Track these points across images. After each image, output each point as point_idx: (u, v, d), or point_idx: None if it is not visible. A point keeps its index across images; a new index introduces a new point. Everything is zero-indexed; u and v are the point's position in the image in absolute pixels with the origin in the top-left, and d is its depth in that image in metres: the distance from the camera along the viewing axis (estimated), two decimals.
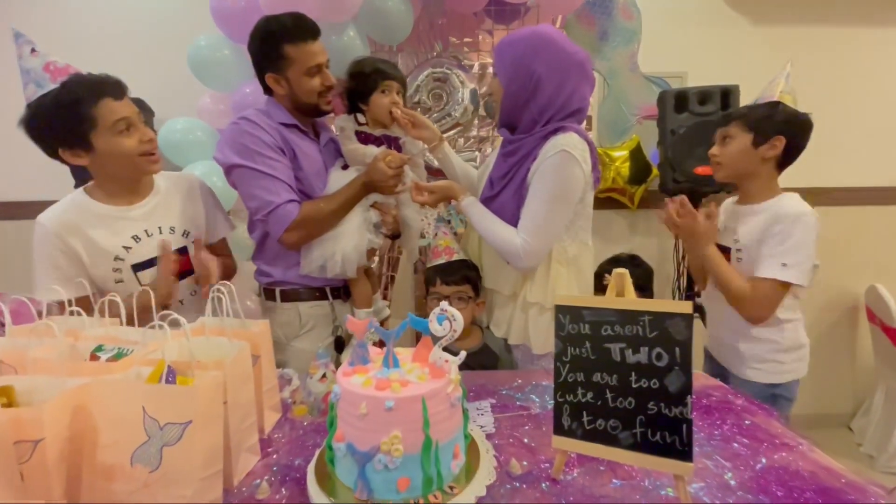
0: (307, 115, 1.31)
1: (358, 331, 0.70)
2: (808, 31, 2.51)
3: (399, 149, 1.35)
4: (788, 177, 1.33)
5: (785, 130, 1.20)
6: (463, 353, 0.68)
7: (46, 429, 0.58)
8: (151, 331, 0.86)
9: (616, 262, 1.47)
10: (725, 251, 1.28)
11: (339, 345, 1.36)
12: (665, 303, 0.69)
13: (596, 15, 2.17)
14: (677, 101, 2.03)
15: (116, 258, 1.12)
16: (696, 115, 2.00)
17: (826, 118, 2.53)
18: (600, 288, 1.37)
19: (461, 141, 2.30)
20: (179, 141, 1.98)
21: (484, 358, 1.21)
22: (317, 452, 0.74)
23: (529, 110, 1.15)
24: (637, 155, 2.28)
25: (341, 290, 1.36)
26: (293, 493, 0.71)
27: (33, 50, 1.05)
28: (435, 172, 2.23)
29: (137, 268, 1.14)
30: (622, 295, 0.73)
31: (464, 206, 1.22)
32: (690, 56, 2.46)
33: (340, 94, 1.35)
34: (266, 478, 0.74)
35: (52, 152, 1.08)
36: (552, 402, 0.96)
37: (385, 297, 2.14)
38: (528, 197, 1.15)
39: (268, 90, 1.29)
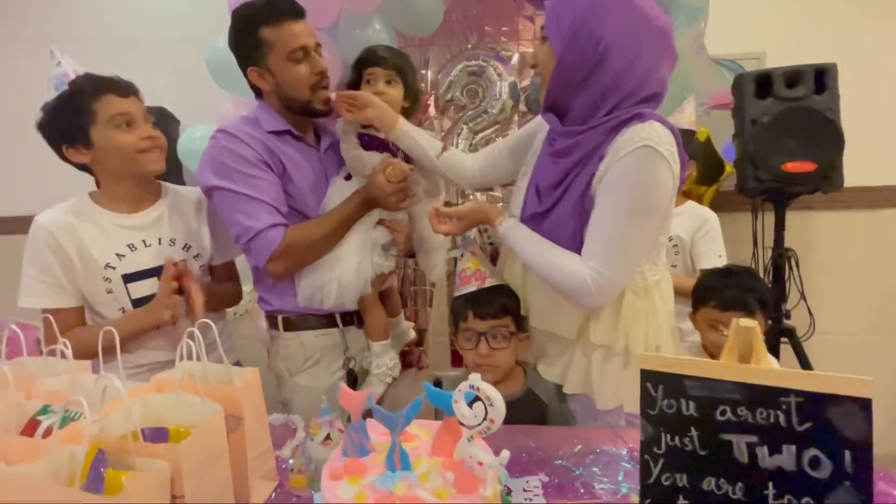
0: (302, 115, 1.14)
1: (353, 408, 0.49)
2: None
3: (407, 154, 1.14)
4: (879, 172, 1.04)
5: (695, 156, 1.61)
6: (506, 455, 0.46)
7: None
8: (117, 383, 0.70)
9: (729, 274, 1.17)
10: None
11: (352, 380, 1.17)
12: (827, 378, 0.44)
13: None
14: (759, 85, 1.71)
15: (107, 266, 1.04)
16: (784, 101, 1.67)
17: None
18: (695, 301, 1.16)
19: (499, 140, 2.08)
20: (199, 149, 1.84)
21: (528, 408, 0.96)
22: None
23: (589, 90, 0.86)
24: (707, 150, 1.96)
25: (354, 315, 1.17)
26: None
27: (59, 63, 1.05)
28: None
29: (129, 279, 1.06)
30: (748, 359, 0.48)
31: (503, 232, 0.94)
32: (768, 34, 2.11)
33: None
34: None
35: (59, 151, 1.05)
36: (628, 485, 0.72)
37: (411, 318, 1.95)
38: (597, 212, 0.87)
39: (258, 93, 1.14)
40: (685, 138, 1.21)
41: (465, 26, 2.05)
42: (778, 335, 1.74)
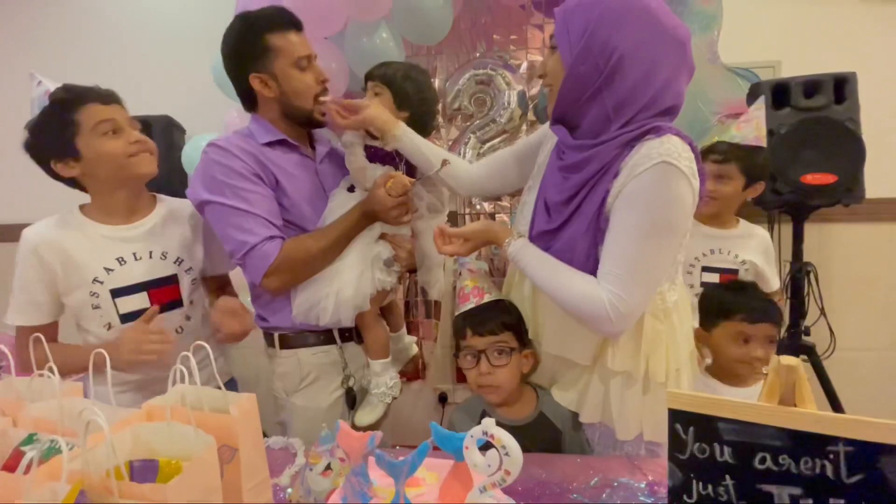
0: (300, 125, 1.12)
1: (353, 451, 0.45)
2: None
3: (411, 165, 1.11)
4: None
5: (766, 176, 1.51)
6: None
7: None
8: (111, 410, 0.67)
9: (736, 290, 1.14)
10: (731, 273, 1.41)
11: (351, 400, 1.13)
12: (880, 424, 0.39)
13: None
14: (776, 95, 1.66)
15: (95, 280, 1.02)
16: (802, 111, 1.63)
17: None
18: (711, 315, 1.11)
19: None
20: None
21: (541, 433, 0.91)
22: None
23: (601, 103, 0.81)
24: None
25: (353, 331, 1.14)
26: None
27: (40, 82, 1.03)
28: None
29: (117, 293, 1.04)
30: (791, 402, 0.43)
31: (512, 253, 0.89)
32: (784, 42, 2.07)
33: None
34: None
35: (47, 168, 1.03)
36: None
37: (413, 329, 1.90)
38: (613, 231, 0.81)
39: (250, 104, 1.14)
40: (755, 155, 1.37)
41: (473, 34, 2.03)
42: (797, 353, 1.68)
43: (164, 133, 1.98)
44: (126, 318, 1.04)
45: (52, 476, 0.51)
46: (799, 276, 1.73)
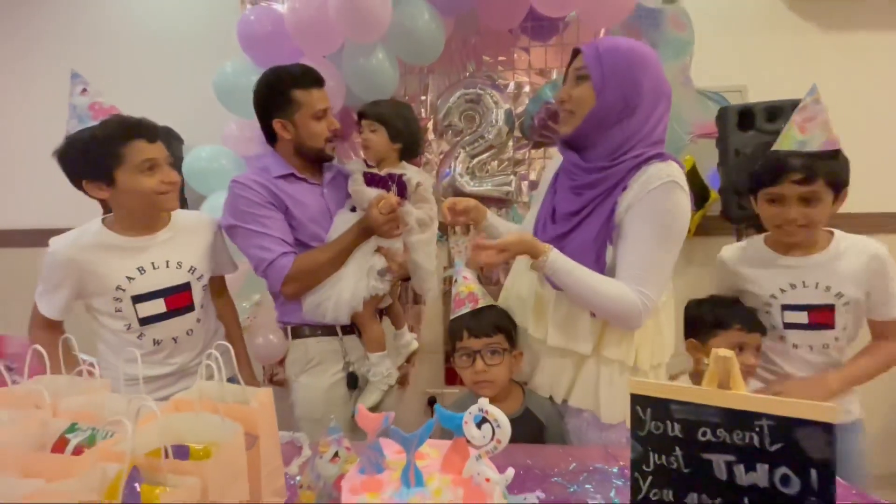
0: (311, 161, 1.33)
1: (370, 428, 0.53)
2: (884, 37, 2.23)
3: (403, 186, 1.29)
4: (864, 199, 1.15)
5: (848, 179, 1.17)
6: (511, 471, 0.51)
7: None
8: (138, 401, 0.74)
9: (727, 304, 1.21)
10: (824, 309, 1.14)
11: (353, 380, 1.32)
12: (794, 403, 0.50)
13: (643, 27, 1.99)
14: (741, 118, 1.81)
15: (118, 288, 1.12)
16: (765, 133, 1.77)
17: None
18: (706, 327, 1.17)
19: (495, 164, 2.16)
20: (204, 169, 1.92)
21: (526, 426, 1.01)
22: None
23: (615, 133, 0.96)
24: (693, 177, 2.05)
25: (354, 326, 1.32)
26: None
27: (84, 90, 1.13)
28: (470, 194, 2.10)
29: (137, 299, 1.14)
30: (727, 386, 0.54)
31: (552, 262, 0.95)
32: (750, 68, 2.23)
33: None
34: None
35: (76, 183, 1.11)
36: (618, 500, 0.77)
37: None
38: (632, 240, 0.94)
39: (271, 139, 1.33)
40: (835, 162, 1.12)
41: (463, 55, 2.14)
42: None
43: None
44: (144, 321, 1.15)
45: (102, 458, 0.58)
46: None
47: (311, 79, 1.27)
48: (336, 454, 0.80)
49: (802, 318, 1.14)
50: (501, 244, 0.97)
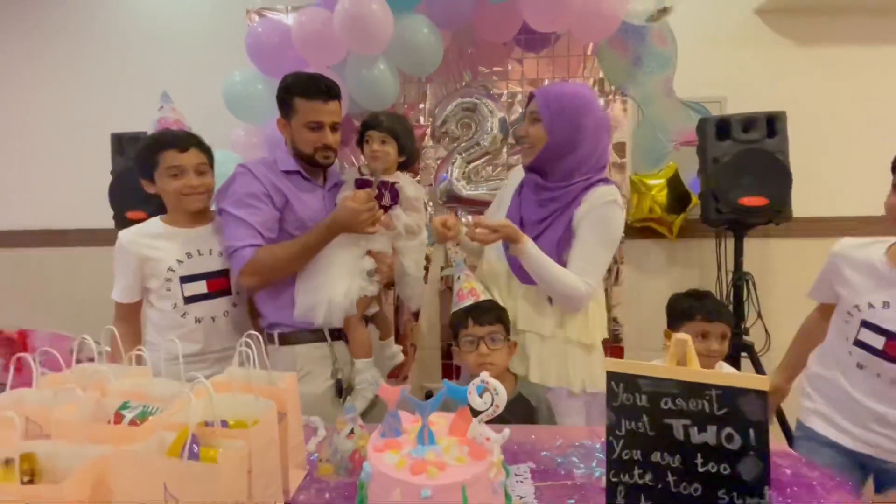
0: (307, 164, 1.38)
1: (390, 399, 0.64)
2: (856, 51, 2.38)
3: (396, 194, 1.36)
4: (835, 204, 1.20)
5: None
6: (507, 432, 0.62)
7: None
8: (178, 384, 0.84)
9: (691, 295, 1.37)
10: None
11: (339, 389, 1.35)
12: (736, 376, 0.61)
13: (629, 40, 2.11)
14: (719, 129, 1.94)
15: (169, 269, 1.30)
16: (741, 143, 1.90)
17: (880, 143, 2.38)
18: (676, 318, 1.33)
19: (490, 169, 2.27)
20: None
21: (519, 409, 1.13)
22: None
23: (568, 161, 1.22)
24: (675, 183, 2.18)
25: (341, 332, 1.36)
26: None
27: (161, 107, 1.42)
28: (465, 202, 2.21)
29: (184, 280, 1.31)
30: (684, 363, 0.65)
31: (528, 247, 1.18)
32: (729, 81, 2.37)
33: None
34: None
35: (140, 180, 1.36)
36: (599, 469, 0.89)
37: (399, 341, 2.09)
38: (581, 242, 1.20)
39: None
40: None
41: (460, 66, 2.25)
42: (738, 350, 1.94)
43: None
44: (188, 300, 1.31)
45: (156, 428, 0.68)
46: (739, 284, 1.99)
47: (317, 90, 1.30)
48: (352, 431, 0.91)
49: (878, 342, 0.97)
50: (496, 225, 1.18)
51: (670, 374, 0.64)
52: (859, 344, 1.01)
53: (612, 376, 0.68)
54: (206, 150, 1.36)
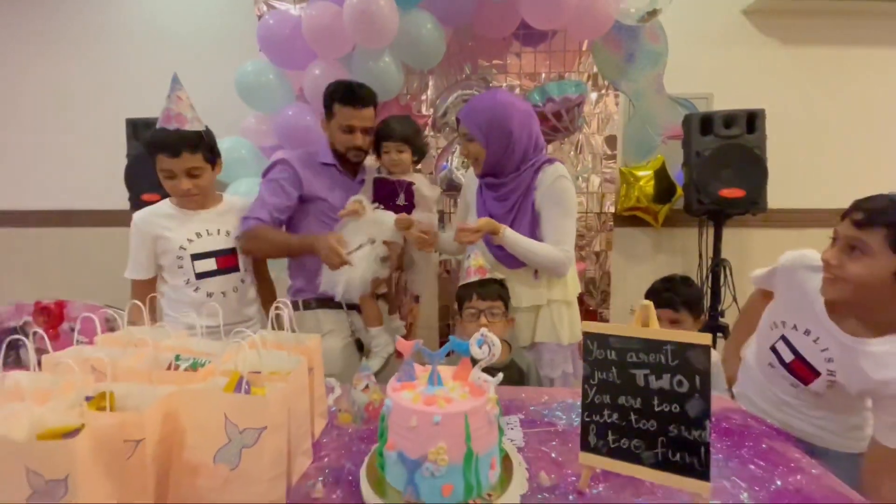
0: (341, 160, 1.58)
1: (405, 350, 0.78)
2: (839, 52, 2.51)
3: (411, 194, 1.54)
4: (810, 197, 1.27)
5: None
6: (500, 376, 0.76)
7: (146, 430, 0.68)
8: (218, 344, 0.98)
9: (669, 281, 1.59)
10: (809, 369, 1.02)
11: (360, 346, 1.61)
12: (686, 334, 0.76)
13: (622, 38, 2.22)
14: (703, 124, 2.07)
15: (181, 247, 1.41)
16: (722, 138, 2.04)
17: (861, 142, 2.52)
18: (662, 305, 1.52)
19: None
20: (225, 159, 2.09)
21: (511, 373, 1.28)
22: (366, 458, 0.82)
23: (512, 158, 1.40)
24: (662, 174, 2.32)
25: (356, 305, 1.57)
26: (346, 494, 0.79)
27: (169, 95, 1.37)
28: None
29: (195, 258, 1.43)
30: (647, 325, 0.79)
31: (508, 234, 1.37)
32: (717, 78, 2.49)
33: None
34: (320, 479, 0.83)
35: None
36: (577, 419, 1.04)
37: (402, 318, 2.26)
38: (547, 218, 1.39)
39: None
40: None
41: (460, 59, 2.36)
42: (714, 331, 2.10)
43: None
44: (200, 276, 1.43)
45: (208, 375, 0.82)
46: (717, 270, 2.15)
47: (352, 97, 1.49)
48: (367, 386, 1.05)
49: (788, 356, 1.07)
50: (476, 226, 1.35)
51: (635, 332, 0.79)
52: (774, 350, 1.10)
53: (587, 336, 0.82)
54: (203, 149, 1.38)
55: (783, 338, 1.09)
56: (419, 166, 2.28)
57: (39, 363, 0.84)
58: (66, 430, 0.65)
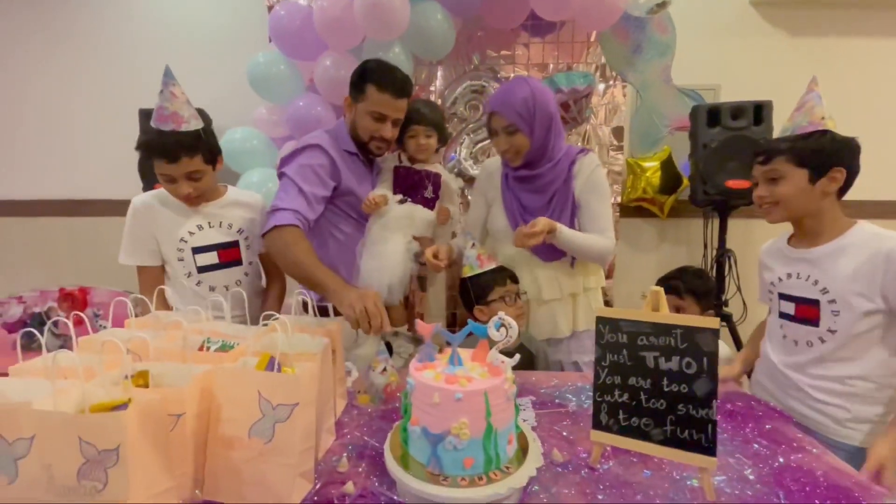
0: (361, 149, 1.43)
1: (426, 332, 0.82)
2: (846, 42, 2.50)
3: (438, 185, 1.46)
4: None
5: (842, 159, 1.07)
6: (517, 356, 0.80)
7: (186, 405, 0.73)
8: (244, 327, 1.02)
9: (681, 271, 1.64)
10: (809, 304, 1.10)
11: (389, 347, 1.49)
12: (694, 318, 0.80)
13: (630, 29, 2.23)
14: (710, 116, 2.08)
15: (181, 240, 1.36)
16: (729, 130, 2.05)
17: (868, 132, 2.52)
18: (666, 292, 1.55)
19: (494, 149, 2.41)
20: (238, 150, 2.15)
21: (522, 356, 1.31)
22: (389, 435, 0.87)
23: (551, 146, 1.37)
24: (668, 165, 2.34)
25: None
26: (369, 468, 0.84)
27: (161, 91, 1.25)
28: (472, 181, 2.36)
29: (196, 251, 1.37)
30: (657, 310, 0.83)
31: (564, 232, 1.31)
32: (724, 69, 2.50)
33: None
34: (345, 454, 0.88)
35: None
36: (587, 401, 1.08)
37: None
38: (588, 207, 1.39)
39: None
40: (807, 141, 1.06)
41: (469, 49, 2.37)
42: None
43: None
44: (201, 269, 1.37)
45: (237, 357, 0.86)
46: (721, 260, 2.18)
47: (391, 84, 1.33)
48: (384, 369, 1.10)
49: (790, 308, 1.14)
50: (536, 230, 1.25)
51: (646, 317, 0.83)
52: (782, 315, 1.17)
53: (600, 321, 0.86)
54: (202, 150, 1.27)
55: (780, 295, 1.18)
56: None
57: (71, 346, 0.87)
58: (114, 403, 0.69)
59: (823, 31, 2.51)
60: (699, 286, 1.58)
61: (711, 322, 0.79)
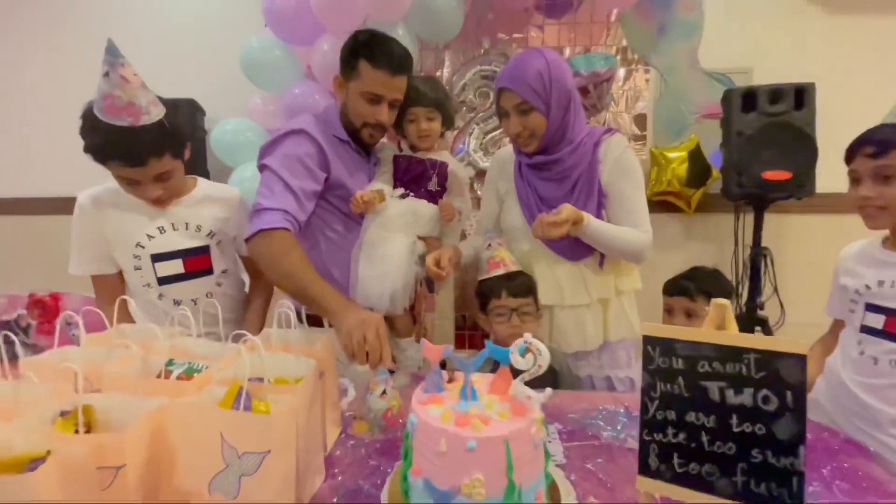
0: (353, 136, 1.24)
1: (432, 356, 0.66)
2: (891, 21, 2.29)
3: (444, 176, 1.28)
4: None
5: None
6: (549, 391, 0.64)
7: (128, 455, 0.57)
8: (219, 345, 0.86)
9: (693, 270, 1.46)
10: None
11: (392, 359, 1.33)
12: (775, 340, 0.62)
13: (654, 8, 2.05)
14: (745, 100, 1.89)
15: (137, 245, 1.15)
16: (767, 116, 1.86)
17: None
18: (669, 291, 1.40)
19: (506, 140, 2.25)
20: (230, 142, 2.01)
21: (542, 375, 1.16)
22: (387, 480, 0.71)
23: (571, 127, 1.19)
24: (696, 156, 2.15)
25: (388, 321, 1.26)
26: None
27: (107, 73, 0.99)
28: (481, 175, 2.19)
29: (156, 258, 1.16)
30: (722, 328, 0.66)
31: (592, 224, 1.13)
32: (757, 51, 2.29)
33: None
34: (335, 500, 0.72)
35: None
36: (623, 431, 0.91)
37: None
38: (621, 197, 1.19)
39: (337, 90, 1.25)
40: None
41: (479, 32, 2.20)
42: (752, 324, 1.95)
43: (187, 115, 2.11)
44: (163, 280, 1.16)
45: (203, 384, 0.71)
46: (757, 259, 1.99)
47: (386, 58, 1.13)
48: (384, 391, 0.93)
49: (878, 322, 0.97)
50: (560, 218, 1.08)
51: (708, 338, 0.66)
52: (865, 329, 1.00)
53: (648, 340, 0.69)
54: (169, 144, 1.06)
55: (867, 306, 1.01)
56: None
57: (12, 367, 0.72)
58: (33, 456, 0.54)
59: (864, 9, 2.29)
60: (713, 287, 1.39)
61: (797, 346, 0.61)
